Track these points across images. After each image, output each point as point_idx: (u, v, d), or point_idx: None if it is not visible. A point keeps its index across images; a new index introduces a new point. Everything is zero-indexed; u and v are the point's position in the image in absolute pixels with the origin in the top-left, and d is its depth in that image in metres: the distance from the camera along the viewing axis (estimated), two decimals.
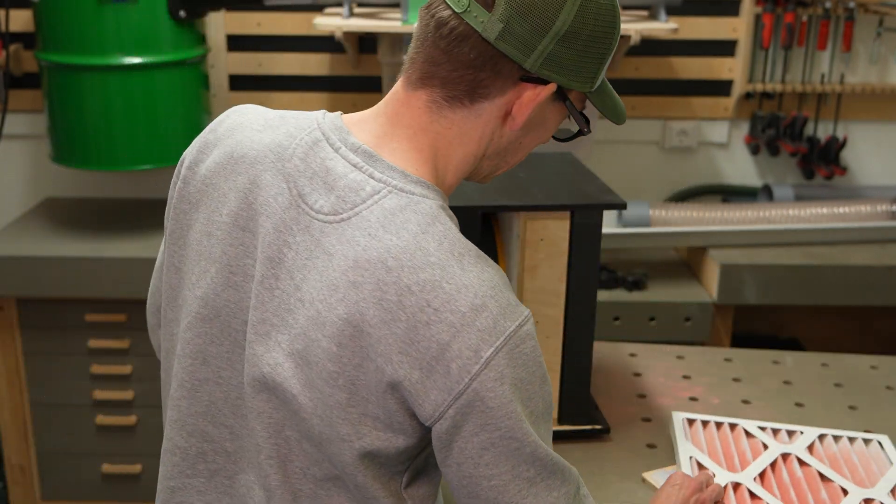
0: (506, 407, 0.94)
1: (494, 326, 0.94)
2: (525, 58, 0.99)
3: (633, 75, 2.95)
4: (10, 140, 2.91)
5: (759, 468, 1.45)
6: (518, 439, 0.96)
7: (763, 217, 2.70)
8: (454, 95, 1.01)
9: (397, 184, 0.99)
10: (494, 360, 0.93)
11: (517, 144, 1.08)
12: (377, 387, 0.95)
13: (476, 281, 0.95)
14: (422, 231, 0.96)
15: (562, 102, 1.05)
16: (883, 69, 2.99)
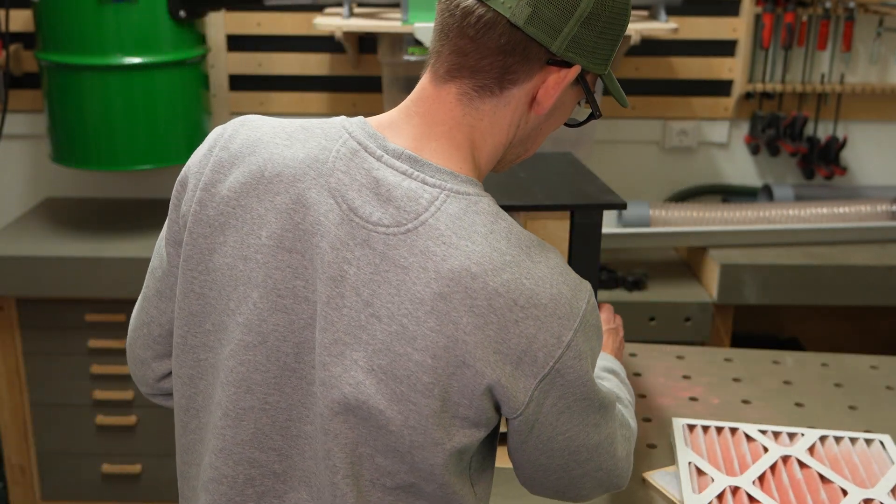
0: (582, 377, 1.01)
1: (571, 310, 0.99)
2: (552, 41, 0.99)
3: (633, 75, 2.95)
4: (10, 140, 2.91)
5: (758, 471, 1.45)
6: (589, 398, 1.04)
7: (763, 217, 2.70)
8: (484, 85, 1.02)
9: (452, 186, 1.01)
10: (574, 340, 0.99)
11: (538, 131, 1.10)
12: (474, 390, 0.98)
13: (547, 271, 0.99)
14: (490, 231, 0.99)
15: (579, 86, 1.07)
16: (883, 69, 2.99)
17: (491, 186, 1.62)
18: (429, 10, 2.46)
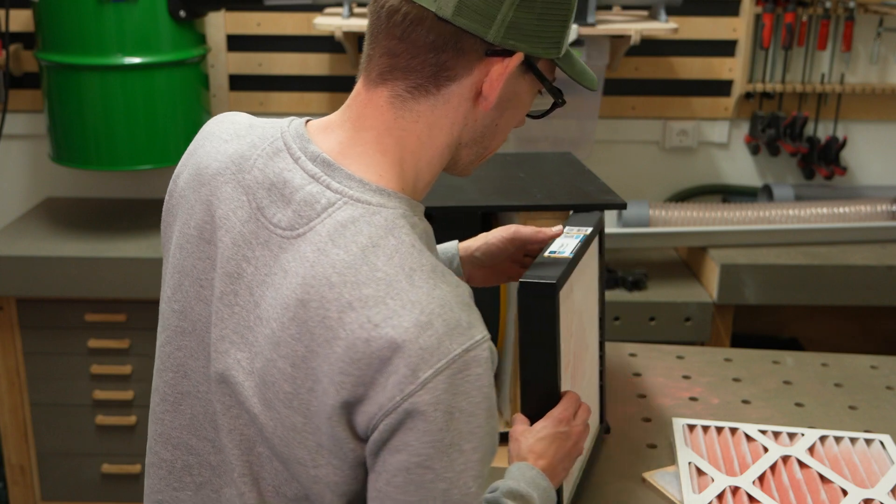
0: (434, 434, 0.87)
1: (438, 347, 0.87)
2: (486, 29, 0.94)
3: (633, 75, 2.95)
4: (10, 140, 2.91)
5: (758, 471, 1.45)
6: (434, 471, 0.88)
7: (763, 217, 2.70)
8: (418, 84, 0.96)
9: (354, 194, 0.95)
10: (432, 382, 0.87)
11: (493, 127, 1.03)
12: (325, 412, 0.91)
13: (425, 298, 0.89)
14: (372, 245, 0.91)
15: (532, 74, 1.01)
16: (883, 69, 2.99)
17: (491, 187, 1.63)
18: None
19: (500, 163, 1.82)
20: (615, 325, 2.57)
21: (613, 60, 2.72)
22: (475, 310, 0.93)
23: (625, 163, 3.03)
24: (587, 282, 1.37)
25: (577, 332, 1.31)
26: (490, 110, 1.01)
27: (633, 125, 3.02)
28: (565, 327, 1.22)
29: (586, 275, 1.36)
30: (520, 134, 2.73)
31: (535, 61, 1.00)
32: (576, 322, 1.30)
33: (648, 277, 2.67)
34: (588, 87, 1.08)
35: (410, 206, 0.98)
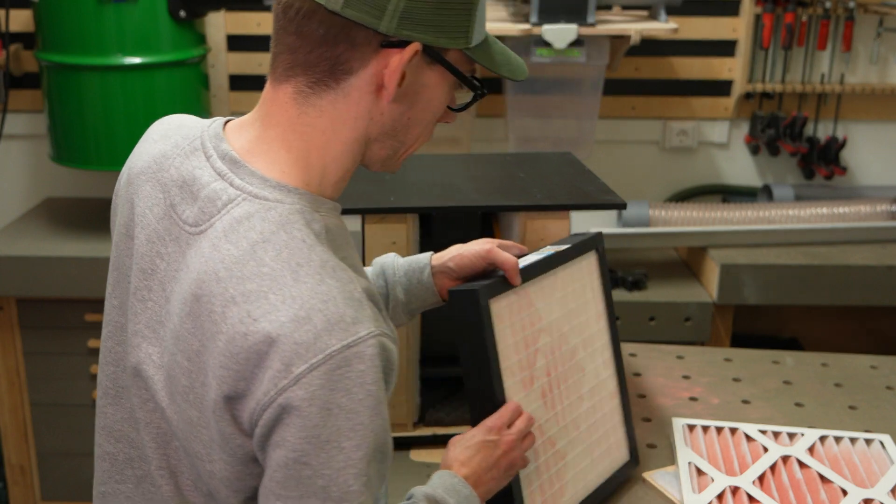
0: (309, 430, 0.87)
1: (314, 342, 0.87)
2: (378, 21, 0.93)
3: (633, 75, 2.95)
4: (10, 140, 2.91)
5: (758, 471, 1.45)
6: (312, 467, 0.88)
7: (763, 217, 2.70)
8: (317, 79, 0.96)
9: (253, 190, 0.95)
10: (307, 377, 0.86)
11: (405, 120, 1.01)
12: (211, 406, 0.92)
13: (307, 293, 0.88)
14: (263, 240, 0.92)
15: (440, 65, 0.99)
16: (883, 69, 2.99)
17: (491, 187, 1.63)
18: None
19: (500, 163, 1.82)
20: None
21: (613, 60, 2.72)
22: (366, 306, 0.92)
23: (625, 163, 3.03)
24: (569, 299, 1.34)
25: (550, 349, 1.29)
26: (395, 103, 0.99)
27: (633, 125, 3.02)
28: (513, 338, 1.23)
29: (567, 291, 1.34)
30: (520, 134, 2.73)
31: (441, 52, 0.98)
32: (546, 339, 1.28)
33: (648, 277, 2.67)
34: (511, 77, 1.06)
35: (312, 201, 0.98)
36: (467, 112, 2.69)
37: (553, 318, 1.31)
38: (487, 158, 1.91)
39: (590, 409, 1.36)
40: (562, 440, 1.30)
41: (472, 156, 2.15)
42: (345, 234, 1.02)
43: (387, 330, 0.93)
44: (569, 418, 1.31)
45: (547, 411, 1.27)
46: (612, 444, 1.40)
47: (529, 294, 1.26)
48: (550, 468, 1.27)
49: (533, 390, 1.25)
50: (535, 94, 2.68)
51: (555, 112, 2.73)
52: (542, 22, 2.47)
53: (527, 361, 1.25)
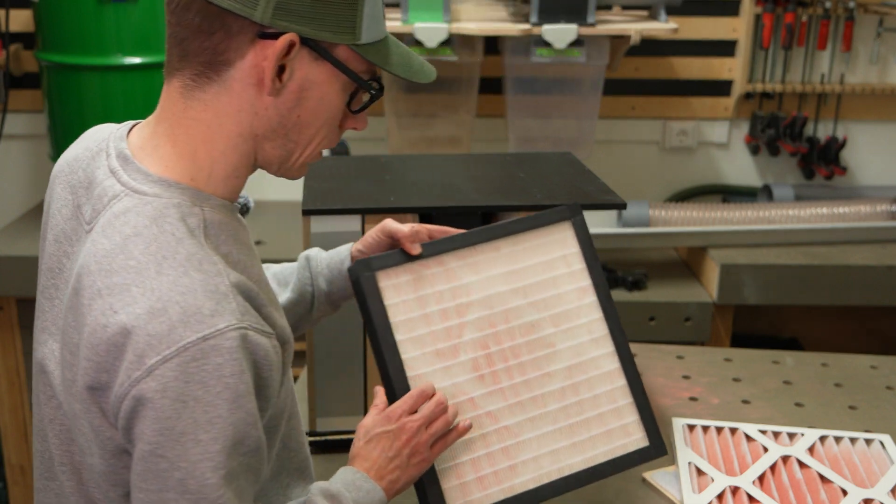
0: (163, 422, 0.87)
1: (168, 334, 0.87)
2: (252, 10, 0.92)
3: (633, 75, 2.95)
4: (10, 140, 2.91)
5: (758, 471, 1.45)
6: (168, 459, 0.88)
7: (763, 217, 2.70)
8: (199, 71, 0.95)
9: (136, 185, 0.96)
10: (159, 369, 0.86)
11: (294, 118, 0.99)
12: (80, 397, 0.93)
13: (167, 285, 0.89)
14: (135, 234, 0.93)
15: (326, 61, 0.97)
16: (883, 69, 2.99)
17: (491, 187, 1.63)
18: (429, 10, 2.46)
19: (500, 163, 1.82)
20: None
21: (613, 60, 2.72)
22: (231, 300, 0.91)
23: (625, 163, 3.03)
24: (526, 273, 1.31)
25: (488, 322, 1.26)
26: (281, 99, 0.97)
27: (633, 125, 3.02)
28: (422, 310, 1.23)
29: (522, 265, 1.30)
30: (520, 134, 2.73)
31: (328, 47, 0.97)
32: (481, 312, 1.26)
33: (648, 277, 2.67)
34: (408, 78, 1.04)
35: (194, 196, 0.97)
36: (467, 112, 2.70)
37: (493, 291, 1.28)
38: (487, 158, 1.91)
39: (567, 389, 1.30)
40: (512, 417, 1.26)
41: (472, 156, 2.15)
42: (234, 229, 1.01)
43: (256, 324, 0.93)
44: (524, 395, 1.27)
45: (484, 385, 1.24)
46: (615, 429, 1.32)
47: (450, 267, 1.26)
48: (491, 444, 1.23)
49: (458, 363, 1.23)
50: (535, 94, 2.68)
51: (555, 112, 2.73)
52: (542, 22, 2.47)
53: (445, 333, 1.24)
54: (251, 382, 0.91)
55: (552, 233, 1.34)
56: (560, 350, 1.31)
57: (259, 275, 1.01)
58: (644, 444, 1.32)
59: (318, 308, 1.32)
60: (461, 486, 1.20)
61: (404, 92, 2.64)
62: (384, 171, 1.70)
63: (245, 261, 1.00)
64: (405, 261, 1.24)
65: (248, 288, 0.96)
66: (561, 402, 1.29)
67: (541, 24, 2.46)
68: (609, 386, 1.33)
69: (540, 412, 1.28)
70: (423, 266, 1.25)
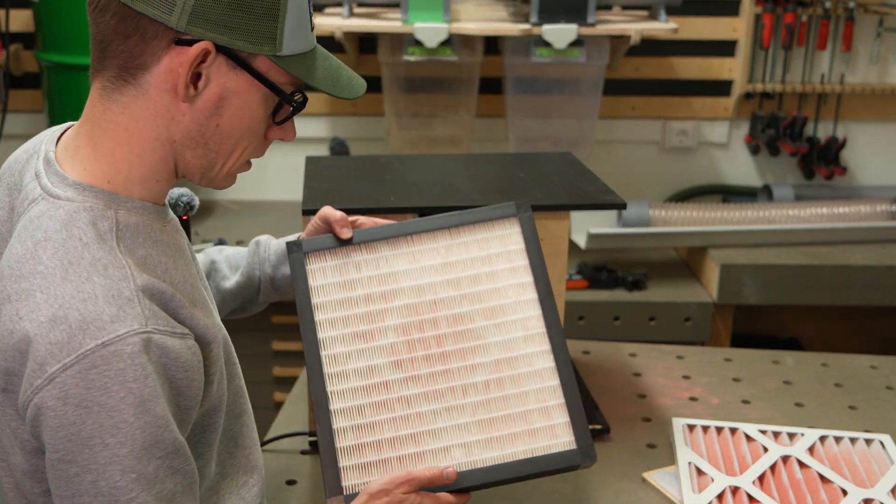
0: (67, 428, 0.87)
1: (69, 341, 0.87)
2: (168, 15, 0.91)
3: (633, 75, 2.95)
4: (10, 140, 2.91)
5: (758, 471, 1.45)
6: (78, 464, 0.89)
7: (763, 217, 2.71)
8: (117, 74, 0.95)
9: (52, 189, 0.96)
10: (60, 377, 0.87)
11: (213, 127, 0.98)
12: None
13: (71, 292, 0.89)
14: (45, 238, 0.93)
15: (245, 71, 0.96)
16: (883, 69, 2.99)
17: (491, 187, 1.63)
18: (429, 10, 2.46)
19: (500, 163, 1.82)
20: (615, 325, 2.58)
21: (613, 60, 2.72)
22: (136, 304, 0.91)
23: (625, 163, 3.03)
24: (462, 266, 1.30)
25: (414, 310, 1.26)
26: (198, 107, 0.96)
27: (633, 125, 3.02)
28: (345, 294, 1.26)
29: (458, 258, 1.30)
30: (520, 134, 2.73)
31: (246, 57, 0.96)
32: (408, 300, 1.26)
33: (648, 277, 2.67)
34: (333, 94, 1.02)
35: (108, 199, 0.97)
36: (467, 112, 2.70)
37: (425, 281, 1.28)
38: (487, 158, 1.91)
39: (492, 383, 1.27)
40: (427, 405, 1.24)
41: (472, 156, 2.15)
42: (156, 231, 1.00)
43: (165, 327, 0.92)
44: (443, 385, 1.25)
45: (400, 370, 1.24)
46: (540, 429, 1.26)
47: (382, 254, 1.29)
48: (400, 428, 1.21)
49: (376, 346, 1.24)
50: (535, 94, 2.68)
51: (555, 112, 2.73)
52: (542, 22, 2.47)
53: (367, 317, 1.25)
54: (158, 386, 0.90)
55: (496, 228, 1.33)
56: (489, 343, 1.28)
57: (184, 276, 1.01)
58: (570, 448, 1.25)
59: (264, 292, 1.37)
60: (361, 466, 1.19)
61: (404, 92, 2.64)
62: (384, 171, 1.70)
63: (167, 262, 0.99)
64: (336, 245, 1.27)
65: (160, 290, 0.95)
66: (483, 395, 1.26)
67: (541, 24, 2.47)
68: (539, 384, 1.28)
69: (458, 403, 1.25)
70: (353, 251, 1.28)
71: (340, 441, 1.19)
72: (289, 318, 2.54)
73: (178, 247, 1.04)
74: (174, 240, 1.03)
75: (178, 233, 1.05)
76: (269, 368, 2.63)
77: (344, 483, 1.17)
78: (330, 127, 2.97)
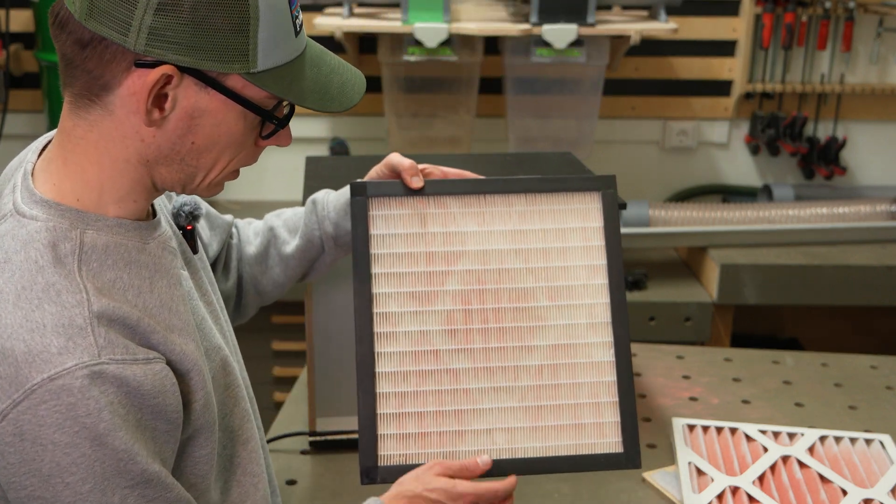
0: (28, 465, 0.84)
1: (16, 376, 0.83)
2: (124, 37, 0.85)
3: (633, 75, 2.95)
4: (10, 140, 2.91)
5: (758, 471, 1.45)
6: (47, 500, 0.85)
7: (763, 217, 2.70)
8: (79, 92, 0.90)
9: (20, 206, 0.92)
10: (12, 413, 0.83)
11: (189, 146, 0.93)
12: None
13: (19, 321, 0.85)
14: (5, 260, 0.88)
15: (214, 89, 0.90)
16: (883, 69, 2.99)
17: None
18: (429, 10, 2.46)
19: (500, 163, 1.82)
20: None
21: (613, 60, 2.72)
22: (88, 333, 0.86)
23: (625, 163, 3.03)
24: (533, 237, 1.22)
25: (477, 278, 1.20)
26: (167, 128, 0.91)
27: (633, 125, 3.02)
28: (407, 248, 1.18)
29: (531, 228, 1.22)
30: (520, 134, 2.73)
31: (216, 76, 0.89)
32: (472, 265, 1.20)
33: (648, 277, 2.67)
34: (318, 109, 0.96)
35: (75, 218, 0.92)
36: (467, 112, 2.70)
37: (492, 247, 1.20)
38: (487, 158, 1.91)
39: (546, 369, 1.21)
40: (476, 382, 1.18)
41: (472, 156, 2.15)
42: (131, 251, 0.95)
43: (123, 355, 0.87)
44: (495, 363, 1.19)
45: (454, 341, 1.17)
46: (588, 425, 1.21)
47: (451, 211, 1.20)
48: (445, 403, 1.16)
49: (431, 311, 1.18)
50: (535, 94, 2.68)
51: (555, 112, 2.73)
52: (542, 22, 2.47)
53: (427, 278, 1.18)
54: (118, 417, 0.86)
55: (576, 201, 1.24)
56: (549, 326, 1.21)
57: (161, 300, 0.95)
58: (617, 451, 1.20)
59: (329, 252, 1.29)
60: (400, 437, 1.14)
61: (404, 92, 2.64)
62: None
63: (140, 285, 0.94)
64: (404, 193, 1.18)
65: (122, 316, 0.89)
66: (535, 380, 1.20)
67: (541, 24, 2.47)
68: (595, 378, 1.21)
69: (508, 385, 1.20)
70: (421, 203, 1.19)
71: (382, 407, 1.14)
72: (289, 319, 2.54)
73: (160, 267, 0.97)
74: (156, 259, 0.97)
75: (164, 251, 0.99)
76: (269, 368, 2.63)
77: (380, 452, 1.13)
78: (330, 127, 2.97)
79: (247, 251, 1.32)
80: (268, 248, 1.31)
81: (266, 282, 1.32)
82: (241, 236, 1.34)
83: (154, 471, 0.90)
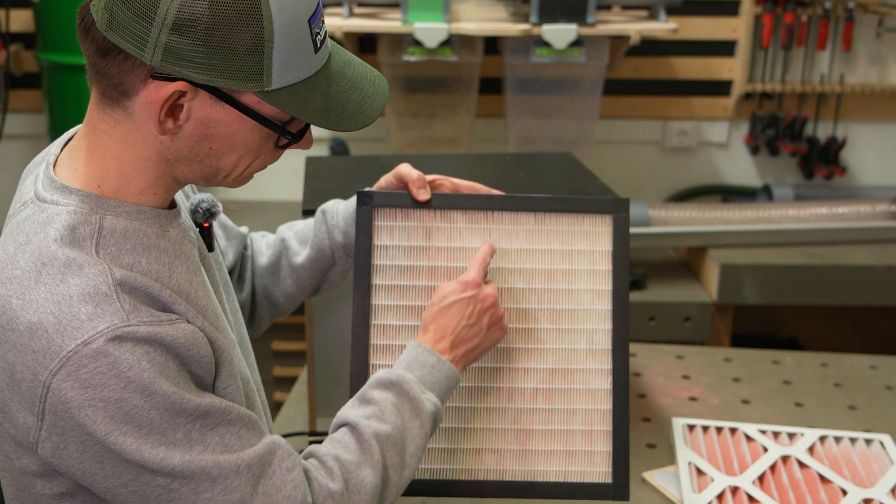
0: (89, 427, 0.87)
1: (49, 347, 0.86)
2: (141, 51, 0.88)
3: (633, 75, 2.95)
4: (10, 140, 2.91)
5: (758, 471, 1.45)
6: (118, 454, 0.88)
7: (763, 217, 2.71)
8: (103, 92, 0.93)
9: (41, 192, 0.95)
10: (53, 383, 0.86)
11: (206, 150, 0.95)
12: None
13: (44, 295, 0.88)
14: (26, 241, 0.91)
15: (228, 104, 0.92)
16: (883, 69, 2.99)
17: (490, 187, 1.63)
18: (429, 10, 2.46)
19: (500, 163, 1.82)
20: None
21: (613, 60, 2.72)
22: (114, 300, 0.88)
23: (625, 163, 3.04)
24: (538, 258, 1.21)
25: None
26: (183, 135, 0.94)
27: (633, 125, 3.02)
28: (408, 261, 1.17)
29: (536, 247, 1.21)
30: (520, 134, 2.73)
31: (230, 93, 0.91)
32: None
33: (648, 277, 2.67)
34: (331, 128, 0.96)
35: (95, 204, 0.94)
36: (467, 112, 2.70)
37: (496, 266, 1.19)
38: (487, 158, 1.91)
39: (541, 393, 1.19)
40: (469, 402, 1.17)
41: (472, 156, 2.15)
42: (150, 237, 0.97)
43: (149, 318, 0.89)
44: (490, 384, 1.18)
45: None
46: (579, 453, 1.20)
47: (458, 226, 1.19)
48: None
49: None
50: (535, 94, 2.68)
51: (555, 112, 2.73)
52: (542, 22, 2.47)
53: (425, 293, 1.17)
54: (156, 366, 0.88)
55: (586, 223, 1.22)
56: (548, 350, 1.20)
57: (180, 285, 0.97)
58: (606, 481, 1.19)
59: (340, 263, 1.29)
60: None
61: (404, 92, 2.64)
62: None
63: (159, 270, 0.96)
64: (410, 206, 1.18)
65: (143, 285, 0.92)
66: (529, 404, 1.19)
67: (541, 24, 2.47)
68: (590, 405, 1.20)
69: (501, 406, 1.18)
70: (427, 216, 1.18)
71: None
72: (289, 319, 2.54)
73: (179, 253, 0.99)
74: (176, 246, 0.99)
75: (184, 239, 1.01)
76: (269, 368, 2.63)
77: None
78: None
79: (259, 262, 1.33)
80: (279, 259, 1.32)
81: (279, 293, 1.33)
82: (254, 248, 1.35)
83: (206, 402, 0.92)
